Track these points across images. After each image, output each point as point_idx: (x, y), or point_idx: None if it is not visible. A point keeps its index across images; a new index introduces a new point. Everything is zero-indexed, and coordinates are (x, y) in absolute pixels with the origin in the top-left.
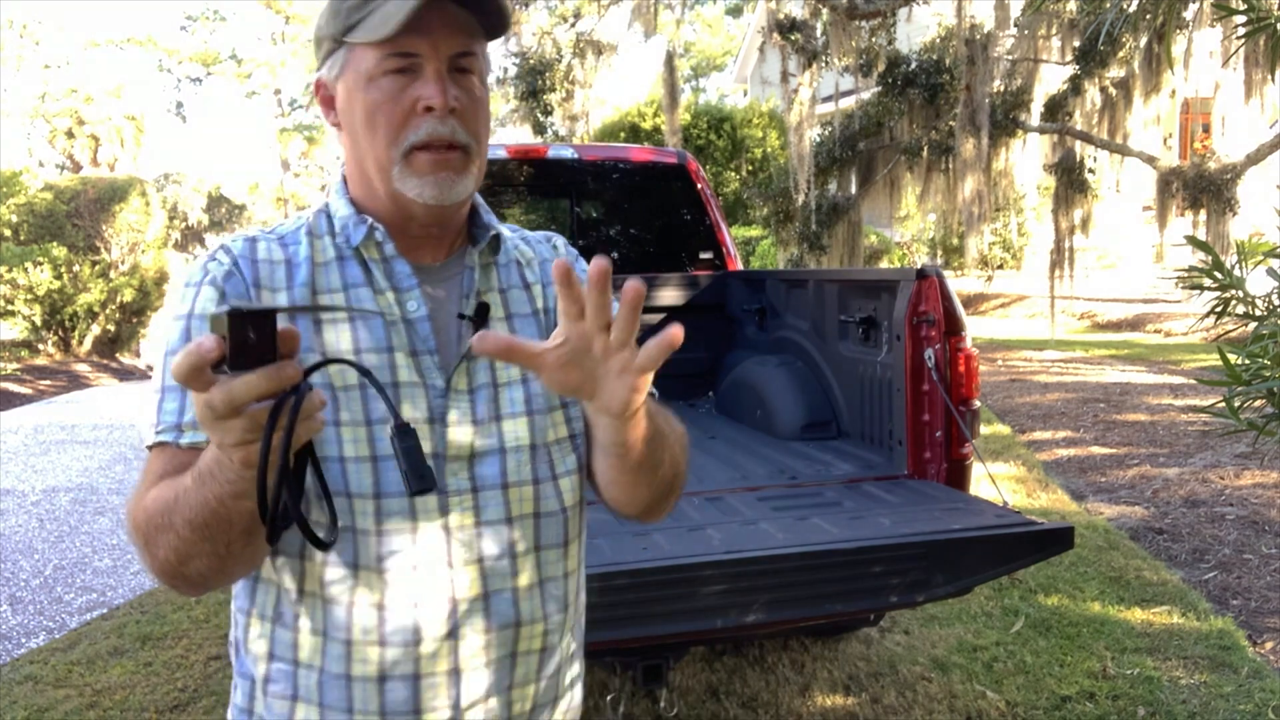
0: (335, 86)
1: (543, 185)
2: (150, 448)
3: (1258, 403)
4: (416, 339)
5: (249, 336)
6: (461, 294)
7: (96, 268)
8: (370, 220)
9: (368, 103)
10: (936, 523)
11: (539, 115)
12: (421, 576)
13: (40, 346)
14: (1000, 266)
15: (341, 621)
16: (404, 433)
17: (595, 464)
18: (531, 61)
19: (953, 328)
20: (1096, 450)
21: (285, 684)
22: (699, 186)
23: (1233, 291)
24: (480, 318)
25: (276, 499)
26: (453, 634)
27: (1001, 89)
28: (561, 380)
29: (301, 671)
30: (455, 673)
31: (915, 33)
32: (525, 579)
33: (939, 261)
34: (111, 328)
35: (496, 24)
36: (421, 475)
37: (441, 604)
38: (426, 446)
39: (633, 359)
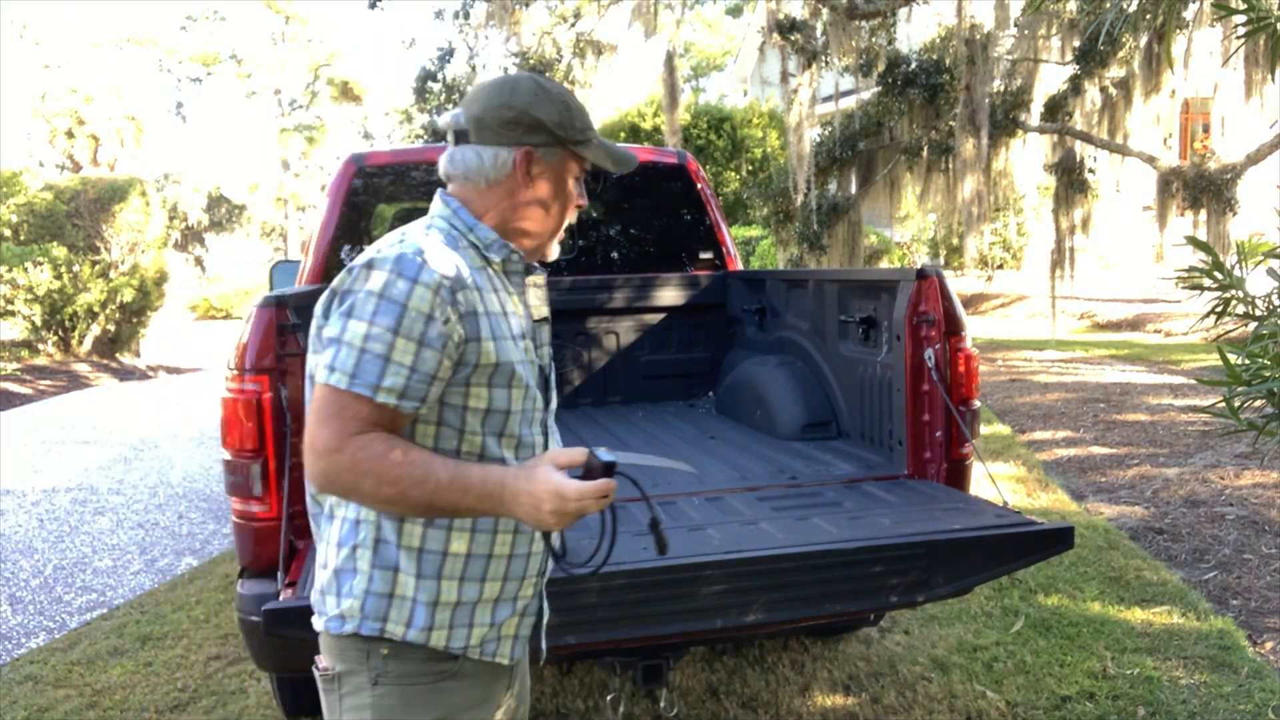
0: (540, 164)
1: None
2: (350, 393)
3: (1258, 403)
4: (526, 329)
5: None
6: (533, 301)
7: (96, 268)
8: (512, 246)
9: (562, 194)
10: (936, 523)
11: None
12: None
13: (40, 346)
14: (1000, 266)
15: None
16: (657, 523)
17: None
18: (531, 61)
19: (953, 328)
20: (1096, 450)
21: (480, 565)
22: (699, 186)
23: (1233, 291)
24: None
25: (604, 552)
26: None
27: (1001, 89)
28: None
29: (497, 560)
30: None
31: (915, 33)
32: None
33: (939, 261)
34: (111, 328)
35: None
36: (666, 545)
37: None
38: (541, 402)
39: None
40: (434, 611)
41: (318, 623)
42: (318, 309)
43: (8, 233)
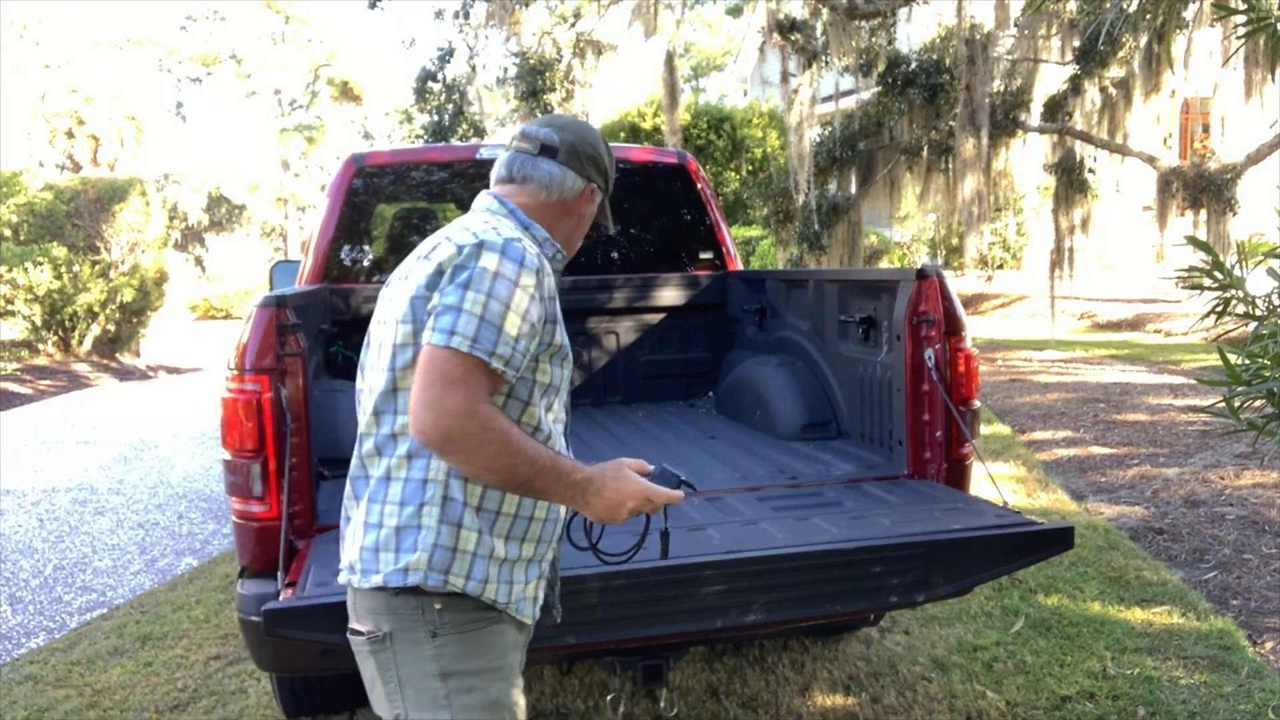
0: (592, 200)
1: None
2: (473, 356)
3: (1258, 403)
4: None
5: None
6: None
7: (96, 268)
8: (558, 245)
9: (588, 219)
10: (936, 523)
11: (539, 115)
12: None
13: (40, 346)
14: (1000, 266)
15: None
16: (666, 534)
17: None
18: (531, 61)
19: (953, 328)
20: (1096, 450)
21: (522, 526)
22: (699, 186)
23: (1233, 291)
24: None
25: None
26: None
27: (1001, 89)
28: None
29: (535, 522)
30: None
31: (915, 33)
32: None
33: (939, 261)
34: (111, 328)
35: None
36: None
37: None
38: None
39: None
40: (488, 565)
41: (370, 580)
42: (419, 283)
43: (8, 233)
